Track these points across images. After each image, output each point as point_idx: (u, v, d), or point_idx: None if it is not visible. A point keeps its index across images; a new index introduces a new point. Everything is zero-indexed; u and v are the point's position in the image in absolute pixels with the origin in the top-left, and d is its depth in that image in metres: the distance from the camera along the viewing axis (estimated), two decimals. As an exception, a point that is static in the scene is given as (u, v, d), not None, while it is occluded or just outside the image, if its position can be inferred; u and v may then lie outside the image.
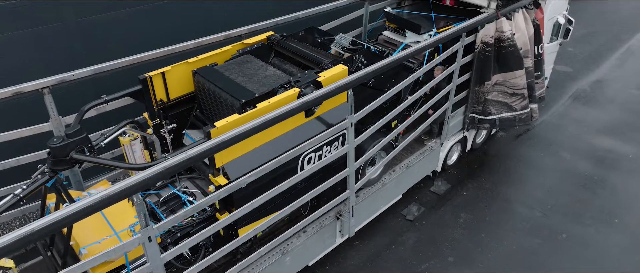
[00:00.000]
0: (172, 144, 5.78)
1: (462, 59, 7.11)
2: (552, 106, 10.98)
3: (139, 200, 3.71)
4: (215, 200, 4.41)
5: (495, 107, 7.96)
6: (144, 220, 3.82)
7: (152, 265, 4.05)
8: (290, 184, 5.01)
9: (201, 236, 4.42)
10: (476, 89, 7.77)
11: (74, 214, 3.34)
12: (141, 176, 3.70)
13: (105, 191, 3.52)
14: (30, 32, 6.28)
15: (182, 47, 5.88)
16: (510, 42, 7.42)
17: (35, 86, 4.92)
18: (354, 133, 5.61)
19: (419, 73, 6.30)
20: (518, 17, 7.62)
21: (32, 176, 4.19)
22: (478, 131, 9.22)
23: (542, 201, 8.19)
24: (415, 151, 7.71)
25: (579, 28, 14.76)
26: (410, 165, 7.48)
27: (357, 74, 5.32)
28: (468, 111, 8.02)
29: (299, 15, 6.95)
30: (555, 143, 9.72)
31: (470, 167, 9.04)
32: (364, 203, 6.82)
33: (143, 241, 3.88)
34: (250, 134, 4.37)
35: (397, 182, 7.36)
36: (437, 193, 8.38)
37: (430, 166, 8.15)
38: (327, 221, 6.37)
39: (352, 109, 5.38)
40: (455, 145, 8.71)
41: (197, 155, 4.03)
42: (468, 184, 8.61)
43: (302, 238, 6.09)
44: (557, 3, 9.26)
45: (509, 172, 8.90)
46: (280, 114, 4.59)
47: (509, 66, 7.62)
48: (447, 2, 7.83)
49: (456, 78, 7.25)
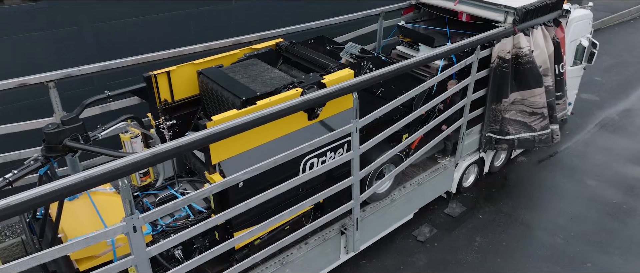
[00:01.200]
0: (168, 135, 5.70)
1: (477, 74, 6.89)
2: (577, 133, 10.52)
3: (124, 185, 3.60)
4: (207, 194, 4.25)
5: (513, 126, 7.65)
6: (129, 208, 3.68)
7: (137, 258, 3.88)
8: (289, 187, 4.82)
9: (191, 233, 4.24)
10: (493, 107, 7.50)
11: (58, 190, 3.26)
12: (128, 159, 3.61)
13: (90, 172, 3.44)
14: (48, 33, 6.44)
15: (190, 49, 5.89)
16: (528, 58, 7.18)
17: (40, 78, 4.97)
18: (361, 140, 5.44)
19: (429, 83, 6.10)
20: (537, 34, 7.42)
21: (25, 163, 4.15)
22: (496, 154, 8.86)
23: (565, 228, 7.68)
24: (428, 168, 7.42)
25: (607, 59, 14.38)
26: (421, 182, 7.18)
27: (362, 76, 5.19)
28: (484, 130, 7.72)
29: (311, 25, 6.93)
30: (580, 169, 9.23)
31: (488, 190, 8.63)
32: (371, 219, 6.53)
33: (127, 230, 3.73)
34: (246, 128, 4.25)
35: (407, 199, 7.05)
36: (451, 215, 7.99)
37: (443, 186, 7.81)
38: (331, 234, 6.09)
39: (357, 113, 5.21)
40: (472, 166, 8.36)
41: (188, 144, 3.92)
42: (485, 207, 8.19)
43: (303, 249, 5.83)
44: (580, 25, 9.02)
45: (529, 197, 8.44)
46: (279, 110, 4.47)
47: (527, 84, 7.35)
48: (463, 18, 7.69)
49: (471, 93, 7.01)
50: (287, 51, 6.15)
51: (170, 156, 3.97)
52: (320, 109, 5.12)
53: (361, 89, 5.57)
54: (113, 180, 3.55)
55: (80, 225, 4.52)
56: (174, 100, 5.63)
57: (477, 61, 6.74)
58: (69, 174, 5.41)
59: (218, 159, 4.60)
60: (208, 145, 4.45)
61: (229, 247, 4.67)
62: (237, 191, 4.73)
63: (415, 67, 6.00)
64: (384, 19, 7.93)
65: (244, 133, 4.57)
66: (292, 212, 5.06)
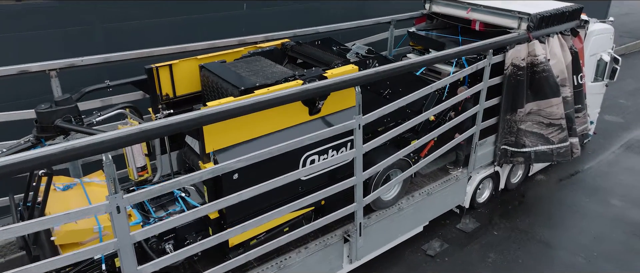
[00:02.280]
0: (172, 140, 5.60)
1: (490, 80, 6.66)
2: (600, 153, 10.04)
3: (108, 161, 3.47)
4: (197, 179, 4.09)
5: (529, 139, 7.31)
6: (113, 187, 3.54)
7: (119, 241, 3.71)
8: (286, 181, 4.62)
9: (177, 221, 4.07)
10: (507, 117, 7.21)
11: (38, 158, 3.15)
12: (113, 134, 3.50)
13: (74, 143, 3.33)
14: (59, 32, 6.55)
15: (194, 46, 5.87)
16: (544, 67, 6.92)
17: (42, 66, 4.98)
18: (365, 140, 5.24)
19: (437, 85, 5.90)
20: (553, 42, 7.18)
21: (15, 141, 4.09)
22: (513, 169, 8.47)
23: (587, 247, 7.19)
24: (439, 179, 7.11)
25: (632, 82, 13.94)
26: (431, 193, 6.86)
27: (365, 71, 5.03)
28: (499, 142, 7.40)
29: (319, 29, 6.87)
30: (604, 189, 8.74)
31: (504, 207, 8.22)
32: (376, 227, 6.22)
33: (110, 210, 3.58)
34: (240, 113, 4.11)
35: (416, 210, 6.73)
36: (463, 230, 7.60)
37: (455, 199, 7.45)
38: (333, 240, 5.81)
39: (360, 109, 5.02)
40: (486, 181, 8.00)
41: (178, 123, 3.79)
42: (500, 224, 7.77)
43: (302, 254, 5.55)
44: (600, 38, 8.75)
45: (548, 215, 7.99)
46: (276, 97, 4.32)
47: (543, 93, 7.06)
48: (477, 27, 7.53)
49: (483, 100, 6.75)
50: (292, 50, 6.07)
51: (160, 134, 3.86)
52: (321, 102, 4.96)
53: (365, 85, 5.45)
54: (98, 153, 3.42)
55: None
56: (175, 95, 5.56)
57: (490, 66, 6.52)
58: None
59: (212, 148, 4.45)
60: (202, 132, 4.34)
61: (220, 240, 4.46)
62: (232, 183, 4.55)
63: (421, 67, 5.82)
64: (395, 28, 7.83)
65: (241, 124, 4.47)
66: (290, 209, 4.84)
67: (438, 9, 7.91)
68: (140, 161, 5.37)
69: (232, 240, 4.89)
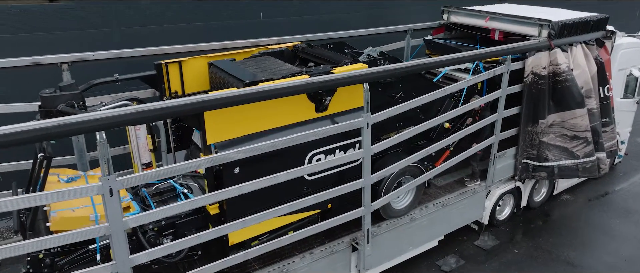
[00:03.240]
0: (179, 138, 5.56)
1: (508, 88, 6.41)
2: (632, 175, 9.49)
3: (102, 140, 3.42)
4: (195, 167, 3.98)
5: (552, 152, 6.96)
6: (107, 168, 3.48)
7: (111, 225, 3.62)
8: (289, 177, 4.47)
9: (172, 210, 3.96)
10: (528, 129, 6.89)
11: (32, 131, 3.14)
12: (110, 112, 3.46)
13: (70, 118, 3.31)
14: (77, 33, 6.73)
15: (205, 46, 5.90)
16: (567, 76, 6.64)
17: (54, 59, 5.07)
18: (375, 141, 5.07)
19: (451, 89, 5.71)
20: (577, 52, 6.91)
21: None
22: (536, 186, 8.06)
23: (617, 268, 6.67)
24: (455, 190, 6.80)
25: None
26: (446, 204, 6.55)
27: (374, 68, 4.91)
28: (520, 155, 7.06)
29: (332, 34, 6.82)
30: (636, 211, 8.19)
31: (526, 225, 7.78)
32: (387, 237, 5.95)
33: (103, 192, 3.51)
34: (241, 101, 4.04)
35: (430, 221, 6.42)
36: (482, 247, 7.20)
37: (473, 214, 7.10)
38: (340, 247, 5.57)
39: (368, 107, 4.87)
40: (507, 197, 7.62)
41: (177, 106, 3.73)
42: (522, 242, 7.34)
43: (307, 259, 5.33)
44: (629, 53, 8.39)
45: (574, 235, 7.51)
46: (279, 88, 4.24)
47: (566, 104, 6.74)
48: (496, 36, 7.33)
49: (502, 108, 6.49)
50: (303, 52, 6.01)
51: (157, 118, 3.79)
52: (328, 99, 4.83)
53: (376, 87, 5.33)
54: (93, 130, 3.38)
55: (68, 201, 4.35)
56: (184, 92, 5.55)
57: (508, 73, 6.29)
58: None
59: (214, 140, 4.36)
60: (204, 122, 4.25)
61: (218, 234, 4.32)
62: (233, 178, 4.43)
63: (434, 67, 5.65)
64: (412, 37, 7.71)
65: (244, 116, 4.39)
66: (293, 207, 4.66)
67: (456, 19, 7.77)
68: (145, 157, 5.34)
69: (232, 239, 4.72)
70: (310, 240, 5.59)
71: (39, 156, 3.94)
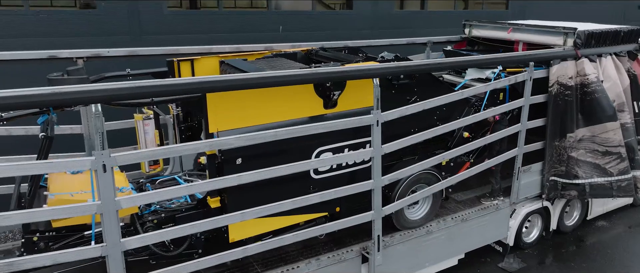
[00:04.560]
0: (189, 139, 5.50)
1: (531, 97, 6.10)
2: (677, 203, 8.75)
3: (97, 112, 3.38)
4: (192, 151, 3.88)
5: (583, 169, 6.50)
6: (101, 143, 3.42)
7: (104, 203, 3.51)
8: (292, 170, 4.30)
9: (164, 194, 3.84)
10: (556, 143, 6.50)
11: (38, 95, 3.18)
12: (106, 85, 3.44)
13: (66, 87, 3.32)
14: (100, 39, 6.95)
15: (219, 48, 5.92)
16: (596, 87, 6.28)
17: (71, 54, 5.18)
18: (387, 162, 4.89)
19: (467, 93, 5.49)
20: (607, 63, 6.57)
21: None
22: (567, 210, 7.52)
23: (659, 299, 6.02)
24: (476, 206, 6.41)
25: None
26: (467, 219, 6.16)
27: (384, 63, 4.78)
28: (548, 172, 6.63)
29: (348, 43, 6.76)
30: (683, 242, 7.49)
31: (557, 250, 7.21)
32: (401, 249, 5.61)
33: (96, 167, 3.43)
34: (244, 86, 3.97)
35: (448, 236, 6.03)
36: (507, 270, 6.68)
37: (496, 233, 6.64)
38: (349, 255, 5.27)
39: (378, 103, 4.69)
40: (534, 218, 7.12)
41: (177, 85, 3.69)
42: (551, 267, 6.78)
43: (312, 265, 5.06)
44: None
45: (610, 261, 6.89)
46: (283, 75, 4.16)
47: (597, 117, 6.35)
48: (520, 48, 7.09)
49: (525, 119, 6.16)
50: (317, 55, 5.97)
51: (154, 94, 3.72)
52: (336, 93, 4.69)
53: (390, 89, 5.17)
54: (88, 102, 3.36)
55: (67, 187, 4.31)
56: (195, 91, 5.53)
57: (531, 80, 6.01)
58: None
59: (216, 128, 4.26)
60: (206, 108, 4.17)
61: (215, 225, 4.15)
62: (234, 169, 4.29)
63: (448, 69, 5.46)
64: (431, 50, 7.56)
65: (249, 106, 4.30)
66: (296, 204, 4.45)
67: (478, 32, 7.60)
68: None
69: (233, 235, 4.54)
70: (318, 247, 5.34)
71: (40, 136, 3.93)
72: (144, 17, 7.19)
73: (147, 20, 7.26)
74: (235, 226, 4.49)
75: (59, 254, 3.47)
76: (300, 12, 8.93)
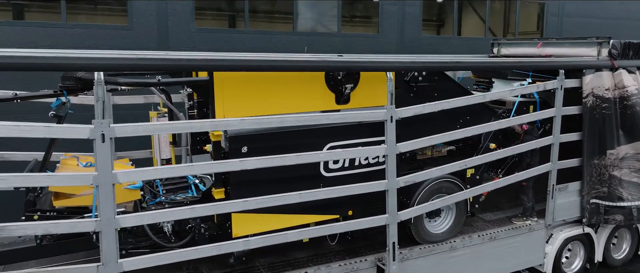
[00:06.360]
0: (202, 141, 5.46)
1: (564, 107, 5.73)
2: None
3: (99, 80, 3.40)
4: (197, 129, 3.82)
5: (627, 190, 5.93)
6: (101, 111, 3.42)
7: (100, 177, 3.45)
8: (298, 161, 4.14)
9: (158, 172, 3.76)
10: (595, 161, 5.99)
11: (47, 58, 3.28)
12: (111, 53, 3.49)
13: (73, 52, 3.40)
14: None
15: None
16: (637, 99, 5.86)
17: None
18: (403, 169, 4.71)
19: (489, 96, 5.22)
20: (647, 75, 6.13)
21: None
22: (616, 242, 6.79)
23: None
24: (506, 225, 5.90)
25: None
26: (495, 238, 5.67)
27: (400, 55, 4.64)
28: (588, 194, 6.07)
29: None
30: None
31: (602, 283, 6.46)
32: (420, 263, 5.19)
33: (95, 136, 3.41)
34: (253, 68, 3.95)
35: (474, 255, 5.54)
36: (545, 301, 6.00)
37: (529, 257, 6.03)
38: (362, 265, 4.92)
39: (392, 99, 4.52)
40: (576, 245, 6.46)
41: (185, 60, 3.70)
42: (596, 300, 6.03)
43: (322, 271, 4.71)
44: None
45: (667, 298, 6.06)
46: (292, 60, 4.12)
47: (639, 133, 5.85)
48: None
49: (558, 131, 5.75)
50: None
51: (157, 67, 3.72)
52: (348, 87, 4.56)
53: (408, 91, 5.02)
54: (93, 69, 3.40)
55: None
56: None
57: (562, 89, 5.66)
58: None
59: (223, 115, 4.20)
60: (213, 93, 4.14)
61: (216, 211, 4.02)
62: (239, 157, 4.16)
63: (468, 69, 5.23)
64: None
65: (258, 94, 4.26)
66: (303, 197, 4.23)
67: (507, 50, 7.35)
68: (165, 153, 5.29)
69: (236, 230, 4.34)
70: (330, 256, 5.02)
71: (50, 114, 3.99)
72: (171, 33, 7.49)
73: (175, 36, 7.55)
74: (239, 222, 4.30)
75: (51, 224, 3.39)
76: (325, 34, 9.07)
